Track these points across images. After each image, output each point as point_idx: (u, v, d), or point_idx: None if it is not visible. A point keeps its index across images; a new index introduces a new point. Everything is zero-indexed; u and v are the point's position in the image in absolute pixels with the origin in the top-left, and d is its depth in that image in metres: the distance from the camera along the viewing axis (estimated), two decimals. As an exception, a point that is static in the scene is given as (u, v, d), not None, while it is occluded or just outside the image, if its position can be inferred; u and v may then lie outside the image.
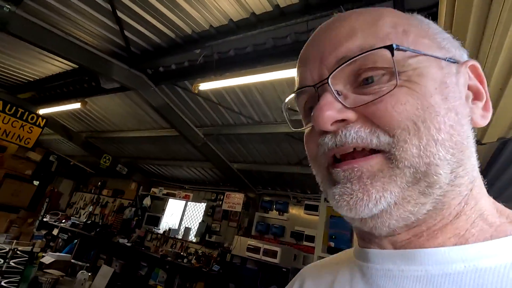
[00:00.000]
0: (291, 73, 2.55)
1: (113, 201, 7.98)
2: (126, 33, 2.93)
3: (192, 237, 6.31)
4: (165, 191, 6.97)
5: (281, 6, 2.30)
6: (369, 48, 0.32)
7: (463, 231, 0.32)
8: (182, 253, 5.78)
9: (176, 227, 6.73)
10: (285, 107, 0.44)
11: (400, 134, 0.30)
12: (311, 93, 0.37)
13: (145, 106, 4.55)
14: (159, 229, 6.88)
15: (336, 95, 0.33)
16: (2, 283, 4.23)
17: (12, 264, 4.38)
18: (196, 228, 6.35)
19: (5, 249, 4.40)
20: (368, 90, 0.33)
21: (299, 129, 0.41)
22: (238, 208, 5.59)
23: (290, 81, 2.96)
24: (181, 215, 6.95)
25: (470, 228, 0.32)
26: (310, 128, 0.38)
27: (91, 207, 8.41)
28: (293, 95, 0.41)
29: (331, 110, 0.32)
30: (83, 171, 8.72)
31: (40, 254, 5.45)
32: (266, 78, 2.74)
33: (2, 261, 4.29)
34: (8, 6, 2.33)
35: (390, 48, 0.31)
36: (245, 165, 5.09)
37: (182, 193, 6.64)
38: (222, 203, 5.91)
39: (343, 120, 0.32)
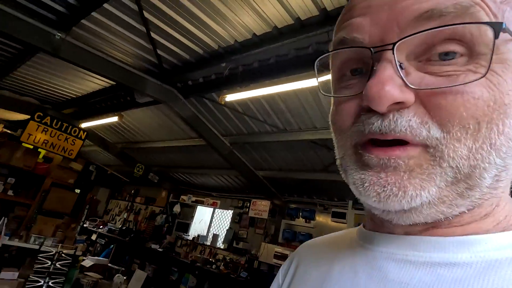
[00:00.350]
0: (313, 82, 2.63)
1: (145, 208, 8.37)
2: (159, 51, 3.17)
3: (220, 243, 6.45)
4: (193, 199, 7.22)
5: (302, 18, 2.39)
6: (466, 9, 0.26)
7: (484, 232, 0.30)
8: (210, 259, 5.92)
9: (205, 234, 6.92)
10: (318, 64, 0.35)
11: (456, 132, 0.26)
12: (360, 55, 0.30)
13: (175, 117, 4.81)
14: (189, 235, 7.10)
15: (399, 69, 0.27)
16: (50, 283, 4.60)
17: (58, 266, 4.76)
18: (223, 235, 6.49)
19: (52, 251, 4.79)
20: (437, 70, 0.27)
21: (329, 95, 0.34)
22: (265, 215, 5.66)
23: (313, 89, 3.02)
24: (209, 222, 7.14)
25: (492, 229, 0.30)
26: (348, 96, 0.32)
27: (126, 214, 8.89)
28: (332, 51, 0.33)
29: (394, 88, 0.26)
30: (118, 179, 9.26)
31: (81, 257, 5.86)
32: (289, 87, 2.84)
33: (50, 262, 4.68)
34: (59, 34, 2.65)
35: (496, 27, 0.25)
36: (271, 172, 5.16)
37: (210, 200, 6.84)
38: (248, 210, 6.00)
39: (399, 102, 0.27)
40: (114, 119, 4.99)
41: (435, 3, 0.26)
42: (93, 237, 7.98)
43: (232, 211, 6.59)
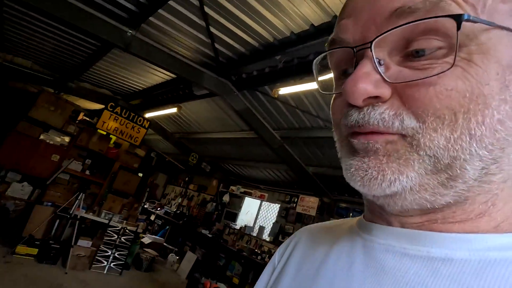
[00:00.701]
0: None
1: (198, 195, 8.89)
2: (216, 45, 3.28)
3: (266, 236, 6.53)
4: (242, 190, 7.41)
5: (365, 6, 2.22)
6: (435, 4, 0.27)
7: (482, 231, 0.29)
8: (256, 250, 6.04)
9: (251, 225, 7.07)
10: (316, 64, 0.38)
11: (432, 122, 0.27)
12: (348, 54, 0.32)
13: (228, 110, 4.96)
14: (236, 224, 7.34)
15: (377, 65, 0.29)
16: (116, 254, 5.19)
17: (123, 240, 5.33)
18: (270, 227, 6.56)
19: (118, 227, 5.38)
20: (416, 64, 0.28)
21: (328, 93, 0.37)
22: (312, 212, 5.54)
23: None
24: (256, 213, 7.27)
25: (491, 229, 0.29)
26: (339, 93, 0.34)
27: (180, 199, 9.56)
28: (326, 52, 0.36)
29: (367, 84, 0.28)
30: (175, 167, 9.97)
31: (141, 235, 6.47)
32: (346, 80, 2.68)
33: (116, 236, 5.27)
34: (131, 31, 2.91)
35: (457, 18, 0.25)
36: (321, 169, 5.01)
37: (258, 192, 6.95)
38: (296, 205, 5.94)
39: (376, 97, 0.29)
40: (173, 110, 5.35)
41: (406, 1, 0.28)
42: (152, 217, 8.76)
43: (279, 205, 6.60)
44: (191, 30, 3.16)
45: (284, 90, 3.19)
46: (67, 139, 6.10)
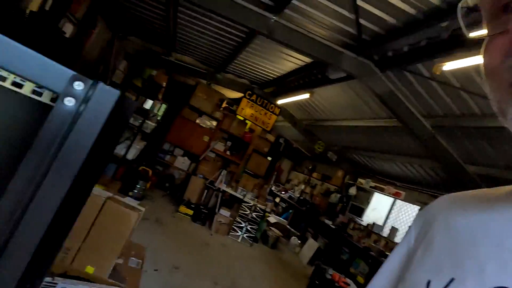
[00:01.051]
0: None
1: (321, 184, 8.77)
2: (361, 20, 2.95)
3: (399, 239, 5.74)
4: (372, 184, 6.75)
5: None
6: None
7: None
8: (386, 253, 5.40)
9: (380, 224, 6.38)
10: (462, 7, 0.33)
11: None
12: None
13: (364, 95, 4.51)
14: (362, 220, 6.81)
15: None
16: (248, 227, 5.77)
17: (254, 215, 5.86)
18: (404, 231, 5.71)
19: (251, 203, 5.94)
20: None
21: (476, 36, 0.32)
22: (469, 223, 4.40)
23: None
24: (388, 212, 6.49)
25: None
26: (496, 34, 0.29)
27: (303, 186, 9.71)
28: None
29: None
30: (300, 154, 10.17)
31: (267, 214, 6.96)
32: None
33: (248, 211, 5.84)
34: (274, 17, 2.99)
35: None
36: (489, 169, 3.86)
37: (392, 189, 6.14)
38: (444, 211, 4.89)
39: None
40: (305, 96, 5.35)
41: None
42: (277, 199, 9.31)
43: (418, 207, 5.63)
44: (334, 6, 2.95)
45: (450, 65, 2.54)
46: (214, 123, 7.18)
